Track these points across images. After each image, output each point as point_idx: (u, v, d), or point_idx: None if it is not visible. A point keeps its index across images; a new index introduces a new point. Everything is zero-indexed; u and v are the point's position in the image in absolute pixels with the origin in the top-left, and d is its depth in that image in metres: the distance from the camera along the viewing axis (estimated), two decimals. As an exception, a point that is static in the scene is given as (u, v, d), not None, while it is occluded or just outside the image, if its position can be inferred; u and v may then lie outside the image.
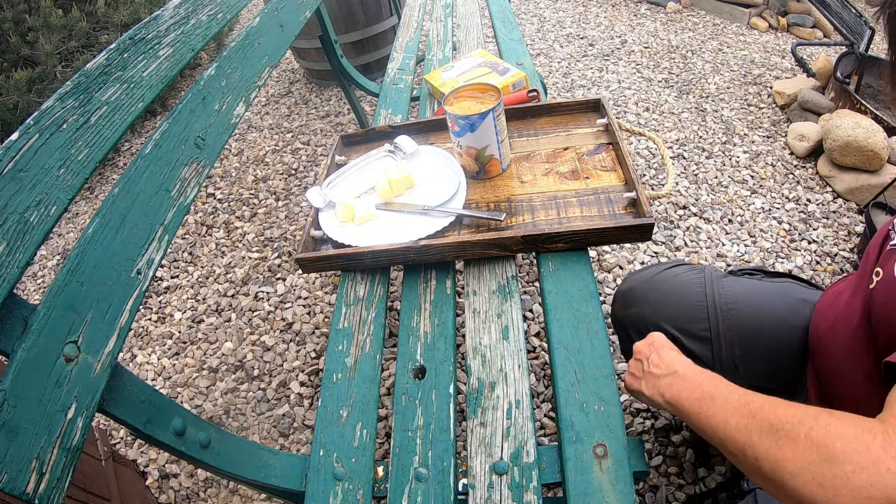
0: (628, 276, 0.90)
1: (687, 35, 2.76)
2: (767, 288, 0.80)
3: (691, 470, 1.10)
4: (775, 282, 0.82)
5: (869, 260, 0.65)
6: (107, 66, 0.73)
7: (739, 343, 0.76)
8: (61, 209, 0.58)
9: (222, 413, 1.36)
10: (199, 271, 1.80)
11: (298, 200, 2.01)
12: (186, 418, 0.64)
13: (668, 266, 0.87)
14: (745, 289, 0.80)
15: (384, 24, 2.52)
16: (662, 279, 0.84)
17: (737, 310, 0.77)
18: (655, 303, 0.81)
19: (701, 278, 0.82)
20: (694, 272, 0.84)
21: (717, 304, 0.78)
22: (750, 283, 0.81)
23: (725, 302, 0.78)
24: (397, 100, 1.38)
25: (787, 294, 0.78)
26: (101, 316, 0.58)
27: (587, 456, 0.59)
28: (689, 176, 1.84)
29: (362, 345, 0.77)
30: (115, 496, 1.05)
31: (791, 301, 0.77)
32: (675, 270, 0.85)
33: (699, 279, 0.82)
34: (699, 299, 0.79)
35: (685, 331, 0.78)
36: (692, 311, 0.78)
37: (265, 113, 2.63)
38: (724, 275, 0.83)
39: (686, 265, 0.87)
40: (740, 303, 0.77)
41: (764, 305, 0.77)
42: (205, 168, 0.84)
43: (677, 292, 0.81)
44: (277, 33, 1.21)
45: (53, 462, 0.48)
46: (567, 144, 0.96)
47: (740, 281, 0.82)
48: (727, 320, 0.76)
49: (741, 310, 0.77)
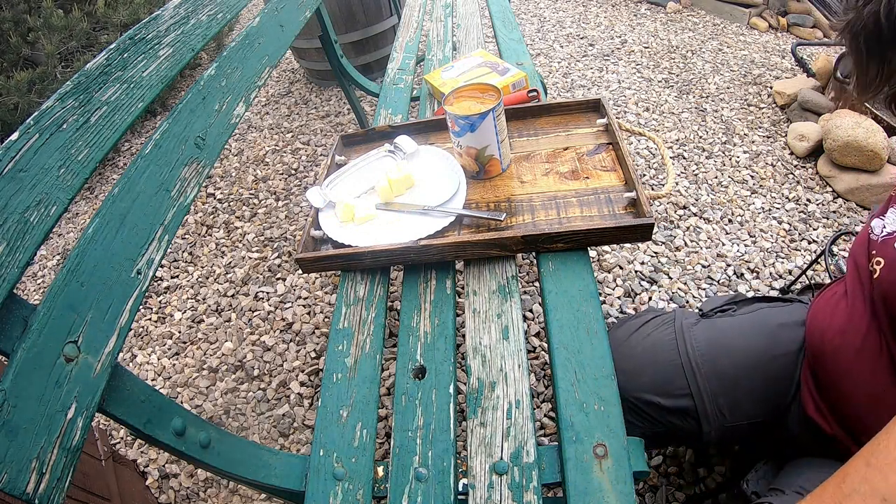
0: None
1: (687, 35, 2.76)
2: (741, 324, 0.78)
3: (691, 470, 1.10)
4: (749, 312, 0.80)
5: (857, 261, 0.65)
6: (107, 66, 0.73)
7: (721, 392, 0.74)
8: (61, 209, 0.58)
9: (222, 413, 1.36)
10: (199, 271, 1.80)
11: (298, 200, 2.01)
12: (186, 418, 0.64)
13: (639, 324, 0.84)
14: (719, 332, 0.77)
15: (384, 24, 2.52)
16: (634, 343, 0.81)
17: (713, 359, 0.75)
18: (631, 373, 0.78)
19: (671, 333, 0.79)
20: (664, 326, 0.81)
21: (691, 358, 0.76)
22: (723, 323, 0.79)
23: (700, 354, 0.76)
24: (397, 100, 1.38)
25: (764, 323, 0.76)
26: (101, 316, 0.58)
27: (587, 456, 0.59)
28: (689, 176, 1.84)
29: (362, 345, 0.77)
30: (115, 496, 1.05)
31: (769, 330, 0.75)
32: (645, 330, 0.82)
33: (670, 335, 0.79)
34: (673, 358, 0.77)
35: (665, 393, 0.76)
36: (668, 371, 0.76)
37: (265, 113, 2.63)
38: (695, 321, 0.80)
39: (657, 317, 0.84)
40: (715, 350, 0.75)
41: (740, 346, 0.75)
42: (205, 168, 0.84)
43: (650, 355, 0.78)
44: (277, 33, 1.21)
45: (53, 462, 0.48)
46: (567, 144, 0.96)
47: (713, 324, 0.79)
48: (704, 373, 0.74)
49: (717, 358, 0.75)
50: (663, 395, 0.76)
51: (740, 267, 1.50)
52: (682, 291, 1.46)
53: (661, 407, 0.76)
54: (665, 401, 0.76)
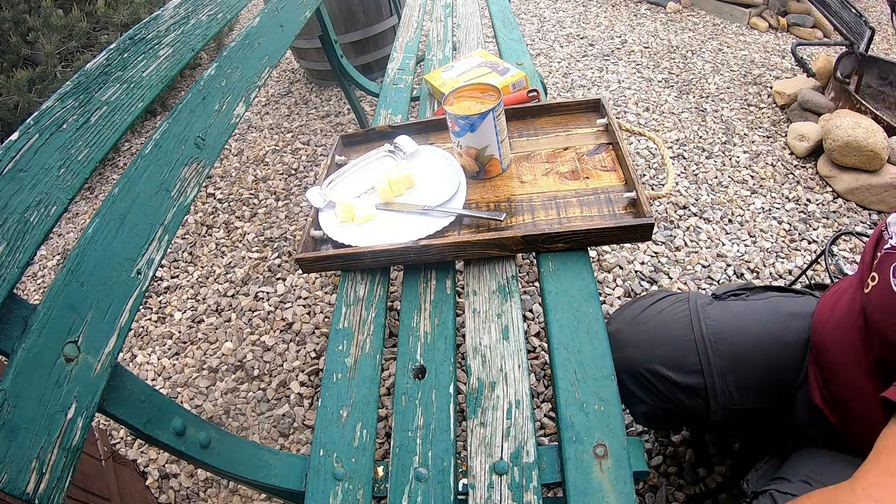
0: (614, 314, 0.88)
1: (687, 35, 2.76)
2: (755, 308, 0.79)
3: (691, 470, 1.10)
4: (762, 298, 0.81)
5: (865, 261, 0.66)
6: (107, 66, 0.73)
7: (732, 370, 0.75)
8: (61, 209, 0.58)
9: (222, 413, 1.36)
10: (199, 271, 1.80)
11: (298, 200, 2.01)
12: (186, 418, 0.64)
13: (653, 301, 0.85)
14: (732, 314, 0.78)
15: (384, 24, 2.52)
16: (647, 318, 0.82)
17: (726, 338, 0.76)
18: (643, 345, 0.79)
19: (686, 310, 0.80)
20: (678, 304, 0.82)
21: (704, 335, 0.77)
22: (736, 306, 0.80)
23: (714, 332, 0.76)
24: (397, 100, 1.38)
25: (776, 310, 0.77)
26: (101, 316, 0.58)
27: (587, 456, 0.59)
28: (689, 176, 1.84)
29: (362, 345, 0.77)
30: (115, 496, 1.05)
31: (781, 317, 0.76)
32: (658, 306, 0.83)
33: (684, 311, 0.80)
34: (686, 333, 0.77)
35: (676, 367, 0.76)
36: (681, 346, 0.77)
37: (265, 113, 2.63)
38: (708, 301, 0.81)
39: (670, 296, 0.85)
40: (728, 330, 0.76)
41: (752, 328, 0.76)
42: (205, 168, 0.84)
43: (664, 330, 0.79)
44: (277, 33, 1.21)
45: (53, 462, 0.48)
46: (567, 144, 0.96)
47: (726, 305, 0.80)
48: (717, 350, 0.75)
49: (730, 337, 0.76)
50: (674, 370, 0.76)
51: (740, 267, 1.51)
52: (681, 291, 1.46)
53: (671, 382, 0.76)
54: (676, 375, 0.76)
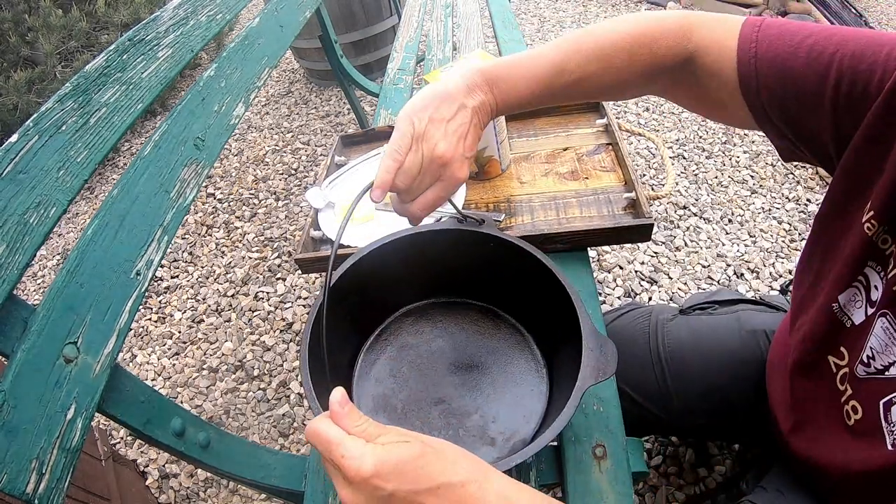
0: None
1: (687, 35, 2.75)
2: (716, 324, 0.77)
3: (691, 470, 1.10)
4: (729, 312, 0.79)
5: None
6: (106, 68, 0.73)
7: (687, 390, 0.74)
8: (61, 210, 0.58)
9: (222, 413, 1.36)
10: (199, 271, 1.80)
11: (298, 200, 2.01)
12: (186, 418, 0.64)
13: (615, 316, 0.84)
14: (692, 330, 0.77)
15: (384, 24, 2.52)
16: (613, 331, 0.81)
17: (681, 357, 0.75)
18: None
19: (646, 327, 0.79)
20: (641, 320, 0.81)
21: (661, 355, 0.75)
22: (698, 322, 0.78)
23: (670, 351, 0.75)
24: (397, 100, 1.38)
25: (740, 327, 0.75)
26: (101, 317, 0.58)
27: (586, 456, 0.59)
28: (689, 176, 1.84)
29: (362, 345, 0.77)
30: (115, 496, 1.05)
31: (743, 335, 0.74)
32: (621, 321, 0.82)
33: (644, 329, 0.79)
34: (645, 354, 0.77)
35: (637, 387, 0.76)
36: (641, 366, 0.76)
37: (265, 113, 2.63)
38: (671, 317, 0.80)
39: (635, 310, 0.84)
40: (685, 349, 0.75)
41: (711, 347, 0.74)
42: (204, 169, 0.83)
43: (626, 348, 0.78)
44: (277, 33, 1.21)
45: (53, 462, 0.48)
46: (567, 145, 0.96)
47: (688, 322, 0.79)
48: (672, 371, 0.74)
49: (686, 356, 0.74)
50: (635, 389, 0.76)
51: (740, 267, 1.51)
52: (682, 291, 1.46)
53: (634, 400, 0.76)
54: (637, 395, 0.76)
